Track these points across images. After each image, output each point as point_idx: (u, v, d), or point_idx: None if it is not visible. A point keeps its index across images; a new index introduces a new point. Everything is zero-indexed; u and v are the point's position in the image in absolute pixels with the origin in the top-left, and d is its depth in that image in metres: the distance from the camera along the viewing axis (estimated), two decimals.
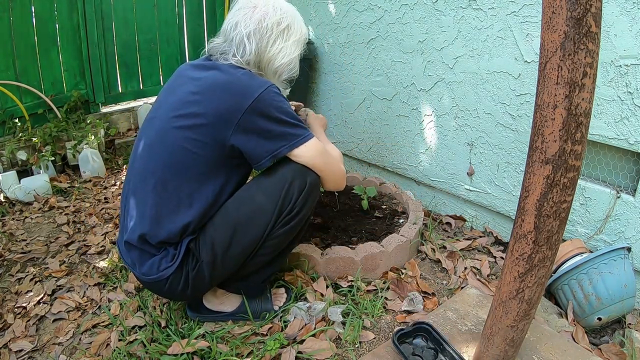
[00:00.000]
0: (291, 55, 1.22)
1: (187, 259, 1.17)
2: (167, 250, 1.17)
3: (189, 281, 1.18)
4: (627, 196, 1.42)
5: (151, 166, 1.15)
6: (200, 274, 1.18)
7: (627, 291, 1.28)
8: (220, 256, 1.18)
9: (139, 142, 1.22)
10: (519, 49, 1.58)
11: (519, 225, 0.89)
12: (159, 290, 1.24)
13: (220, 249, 1.17)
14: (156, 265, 1.16)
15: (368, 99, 2.29)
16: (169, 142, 1.13)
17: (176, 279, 1.17)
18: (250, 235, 1.18)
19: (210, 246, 1.17)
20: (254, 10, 1.17)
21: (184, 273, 1.17)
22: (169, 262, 1.16)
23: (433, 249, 1.74)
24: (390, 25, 2.05)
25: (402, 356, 1.14)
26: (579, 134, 0.78)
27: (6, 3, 2.54)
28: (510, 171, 1.73)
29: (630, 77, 1.33)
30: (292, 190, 1.18)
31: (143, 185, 1.16)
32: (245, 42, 1.16)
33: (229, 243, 1.17)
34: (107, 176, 2.70)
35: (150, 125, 1.20)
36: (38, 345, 1.34)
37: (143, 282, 1.23)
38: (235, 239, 1.17)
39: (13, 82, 2.62)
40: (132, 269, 1.22)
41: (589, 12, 0.71)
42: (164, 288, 1.19)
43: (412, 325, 1.22)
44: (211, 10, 3.64)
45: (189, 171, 1.13)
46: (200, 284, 1.21)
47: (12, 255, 1.82)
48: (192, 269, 1.17)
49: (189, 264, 1.17)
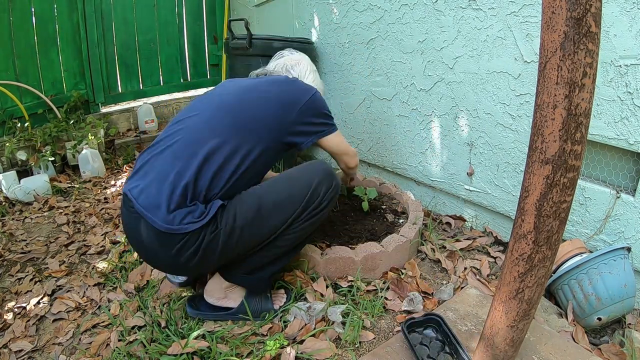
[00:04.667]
0: (319, 87, 1.55)
1: (209, 224, 1.15)
2: (196, 206, 1.15)
3: (202, 246, 1.15)
4: (627, 196, 1.42)
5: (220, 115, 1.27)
6: (215, 243, 1.17)
7: (627, 291, 1.28)
8: (239, 230, 1.19)
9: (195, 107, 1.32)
10: (519, 49, 1.58)
11: (518, 225, 0.89)
12: (167, 248, 1.14)
13: (241, 222, 1.19)
14: (181, 216, 1.12)
15: (368, 99, 2.29)
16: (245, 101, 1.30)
17: (192, 239, 1.13)
18: (273, 220, 1.24)
19: (233, 218, 1.18)
20: (291, 57, 1.61)
21: (202, 236, 1.14)
22: (195, 218, 1.13)
23: (433, 249, 1.74)
24: (390, 26, 2.05)
25: (409, 344, 1.16)
26: (578, 134, 0.78)
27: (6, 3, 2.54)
28: (510, 171, 1.73)
29: (630, 77, 1.33)
30: (320, 188, 1.29)
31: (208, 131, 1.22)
32: (290, 71, 1.56)
33: (251, 220, 1.20)
34: (107, 176, 2.70)
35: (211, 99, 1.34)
36: (38, 345, 1.34)
37: (153, 235, 1.14)
38: (257, 218, 1.21)
39: (13, 82, 2.62)
40: (149, 215, 1.12)
41: (589, 12, 0.71)
42: (174, 246, 1.13)
43: (424, 316, 1.24)
44: (211, 10, 3.64)
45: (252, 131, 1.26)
46: (209, 254, 1.18)
47: (12, 255, 1.82)
48: (210, 233, 1.15)
49: (209, 228, 1.15)
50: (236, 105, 1.29)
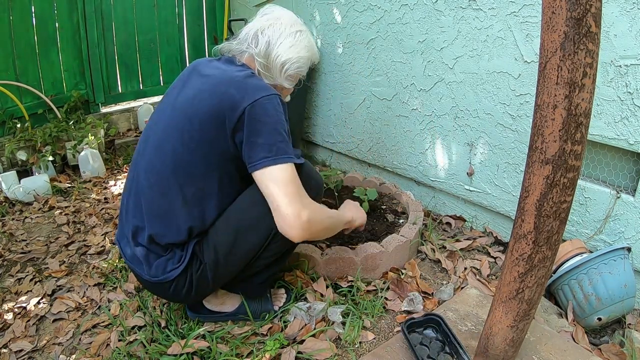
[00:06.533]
0: (299, 54, 1.21)
1: (192, 262, 1.18)
2: (173, 252, 1.17)
3: (193, 283, 1.19)
4: (627, 196, 1.42)
5: (158, 165, 1.15)
6: (204, 276, 1.19)
7: (627, 291, 1.28)
8: (223, 259, 1.18)
9: (145, 140, 1.21)
10: (519, 49, 1.58)
11: (519, 225, 0.89)
12: (163, 292, 1.23)
13: (223, 252, 1.17)
14: (162, 266, 1.16)
15: (368, 99, 2.29)
16: (174, 141, 1.13)
17: (181, 281, 1.18)
18: (252, 240, 1.19)
19: (213, 249, 1.17)
20: (271, 14, 1.23)
21: (189, 275, 1.18)
22: (175, 264, 1.16)
23: (433, 249, 1.74)
24: (390, 26, 2.05)
25: (409, 344, 1.16)
26: (578, 134, 0.78)
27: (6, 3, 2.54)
28: (510, 171, 1.73)
29: (630, 77, 1.33)
30: None
31: (149, 184, 1.16)
32: (259, 36, 1.19)
33: (231, 247, 1.18)
34: (107, 176, 2.70)
35: (157, 122, 1.20)
36: (38, 345, 1.34)
37: (146, 283, 1.22)
38: (237, 243, 1.18)
39: (13, 82, 2.62)
40: (136, 268, 1.20)
41: (589, 12, 0.71)
42: (168, 290, 1.19)
43: (424, 316, 1.23)
44: (211, 10, 3.64)
45: (194, 170, 1.13)
46: (204, 285, 1.21)
47: (12, 255, 1.82)
48: (196, 271, 1.18)
49: (194, 266, 1.18)
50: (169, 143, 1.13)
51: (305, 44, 1.23)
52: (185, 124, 1.11)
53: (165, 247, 1.17)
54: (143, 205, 1.17)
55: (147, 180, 1.16)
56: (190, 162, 1.12)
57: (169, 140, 1.13)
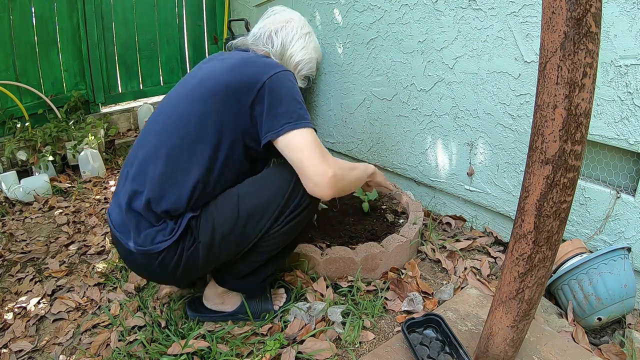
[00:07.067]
0: (310, 55, 1.34)
1: (185, 237, 1.14)
2: (166, 224, 1.13)
3: (182, 260, 1.14)
4: (627, 196, 1.42)
5: (170, 128, 1.16)
6: (195, 255, 1.15)
7: (627, 291, 1.28)
8: (219, 241, 1.16)
9: (159, 112, 1.22)
10: (519, 49, 1.58)
11: (519, 225, 0.89)
12: (148, 266, 1.16)
13: (220, 233, 1.15)
14: (151, 236, 1.12)
15: (368, 99, 2.29)
16: (190, 108, 1.15)
17: (169, 255, 1.13)
18: (251, 227, 1.18)
19: (211, 228, 1.15)
20: (282, 15, 1.33)
21: (179, 250, 1.13)
22: (166, 236, 1.12)
23: (433, 249, 1.74)
24: (390, 26, 2.05)
25: (409, 344, 1.16)
26: (579, 134, 0.78)
27: (6, 3, 2.54)
28: (510, 171, 1.73)
29: (630, 77, 1.33)
30: (297, 189, 1.17)
31: (156, 146, 1.15)
32: (273, 37, 1.29)
33: (230, 229, 1.16)
34: (107, 176, 2.70)
35: (172, 96, 1.23)
36: (38, 345, 1.34)
37: (131, 256, 1.16)
38: (237, 227, 1.16)
39: (13, 82, 2.62)
40: (122, 238, 1.15)
41: (589, 12, 0.71)
42: (154, 263, 1.13)
43: (424, 316, 1.24)
44: (211, 10, 3.64)
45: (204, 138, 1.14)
46: (193, 265, 1.17)
47: (12, 255, 1.82)
48: (187, 248, 1.14)
49: (186, 242, 1.14)
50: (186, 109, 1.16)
51: (314, 45, 1.36)
52: (203, 93, 1.14)
53: (159, 216, 1.13)
54: (147, 169, 1.15)
55: (155, 142, 1.16)
56: (201, 131, 1.13)
57: (185, 108, 1.16)
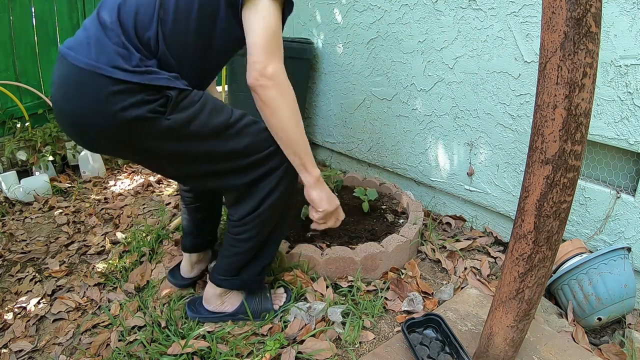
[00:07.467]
0: None
1: (152, 92, 0.97)
2: (131, 53, 0.95)
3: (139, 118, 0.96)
4: (627, 196, 1.42)
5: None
6: (152, 127, 0.99)
7: (627, 291, 1.28)
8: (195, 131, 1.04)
9: None
10: (519, 49, 1.58)
11: (519, 225, 0.89)
12: (94, 94, 0.94)
13: (194, 131, 1.04)
14: (108, 55, 0.93)
15: (368, 99, 2.29)
16: None
17: (124, 95, 0.94)
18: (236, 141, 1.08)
19: (187, 120, 1.02)
20: None
21: (139, 100, 0.96)
22: (125, 64, 0.93)
23: (433, 249, 1.74)
24: (390, 26, 2.05)
25: (409, 344, 1.16)
26: (579, 134, 0.78)
27: (6, 3, 2.54)
28: (510, 171, 1.73)
29: (630, 77, 1.33)
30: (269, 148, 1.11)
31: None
32: None
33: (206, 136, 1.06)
34: (107, 176, 2.70)
35: None
36: (38, 345, 1.34)
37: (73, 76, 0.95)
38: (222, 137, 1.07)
39: (13, 82, 2.62)
40: (70, 53, 0.96)
41: (589, 12, 0.71)
42: (102, 90, 0.92)
43: (424, 316, 1.24)
44: None
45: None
46: (143, 133, 1.00)
47: (12, 255, 1.82)
48: (151, 110, 0.97)
49: (152, 104, 0.97)
50: None
51: None
52: None
53: (126, 40, 0.96)
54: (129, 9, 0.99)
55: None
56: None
57: None
